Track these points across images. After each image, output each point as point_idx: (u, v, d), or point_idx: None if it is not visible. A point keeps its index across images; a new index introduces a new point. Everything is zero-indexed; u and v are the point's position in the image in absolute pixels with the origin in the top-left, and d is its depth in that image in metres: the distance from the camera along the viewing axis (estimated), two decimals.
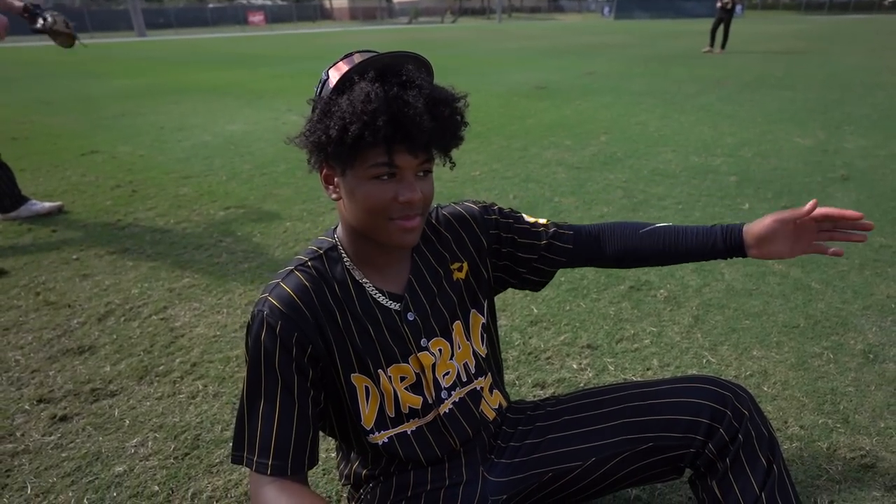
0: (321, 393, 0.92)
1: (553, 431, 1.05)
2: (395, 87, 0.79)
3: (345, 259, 0.92)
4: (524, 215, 1.06)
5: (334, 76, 0.83)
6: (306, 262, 0.91)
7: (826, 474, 1.30)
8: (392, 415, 0.96)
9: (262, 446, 0.86)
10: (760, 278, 2.22)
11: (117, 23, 38.17)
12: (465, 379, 1.01)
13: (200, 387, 1.66)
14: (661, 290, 2.15)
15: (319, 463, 1.37)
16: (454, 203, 1.05)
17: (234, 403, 1.58)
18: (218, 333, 1.94)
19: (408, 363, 0.94)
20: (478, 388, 1.03)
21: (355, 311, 0.92)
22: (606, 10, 43.85)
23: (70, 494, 1.30)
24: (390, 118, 0.77)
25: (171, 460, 1.39)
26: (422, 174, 0.85)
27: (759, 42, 14.20)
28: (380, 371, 0.93)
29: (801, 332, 1.86)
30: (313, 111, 0.85)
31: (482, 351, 1.03)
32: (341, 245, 0.93)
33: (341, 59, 0.85)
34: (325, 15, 50.55)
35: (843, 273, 2.24)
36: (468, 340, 1.01)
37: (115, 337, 1.94)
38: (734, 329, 1.89)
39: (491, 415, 1.06)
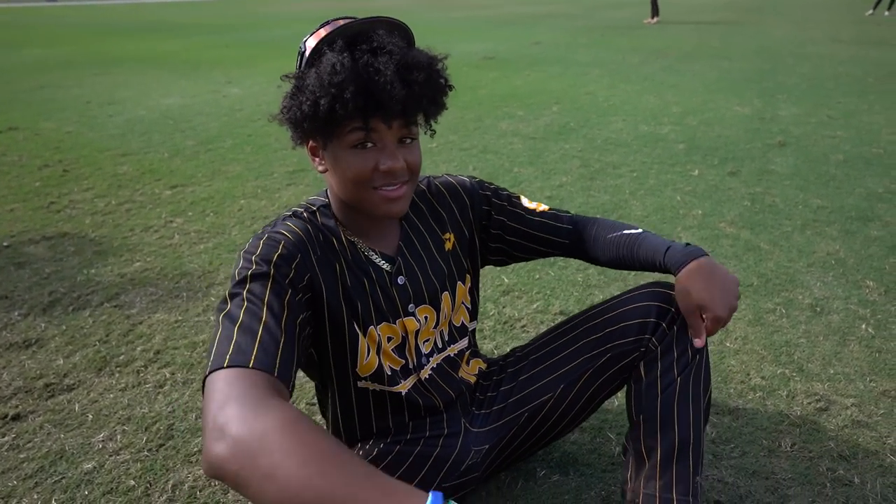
0: (309, 324, 0.83)
1: (523, 373, 1.09)
2: (364, 54, 0.77)
3: (336, 218, 0.92)
4: (523, 199, 1.07)
5: (308, 48, 0.82)
6: (300, 212, 0.91)
7: (787, 419, 1.40)
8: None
9: (241, 350, 0.66)
10: (714, 241, 2.33)
11: None
12: (440, 346, 1.02)
13: (167, 375, 1.58)
14: None
15: None
16: (448, 175, 1.06)
17: None
18: (180, 318, 1.84)
19: (395, 324, 0.95)
20: (452, 355, 1.05)
21: (350, 264, 0.91)
22: None
23: (35, 497, 1.22)
24: (359, 88, 0.75)
25: (145, 453, 1.32)
26: (407, 141, 0.83)
27: (694, 13, 14.65)
28: (371, 328, 0.93)
29: (755, 290, 1.97)
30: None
31: (459, 321, 1.05)
32: (332, 208, 0.93)
33: (317, 29, 0.83)
34: None
35: (788, 234, 2.39)
36: (452, 311, 1.02)
37: (64, 328, 1.80)
38: None
39: (472, 379, 1.09)
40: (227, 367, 0.64)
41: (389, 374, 0.96)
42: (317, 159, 0.87)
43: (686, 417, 0.93)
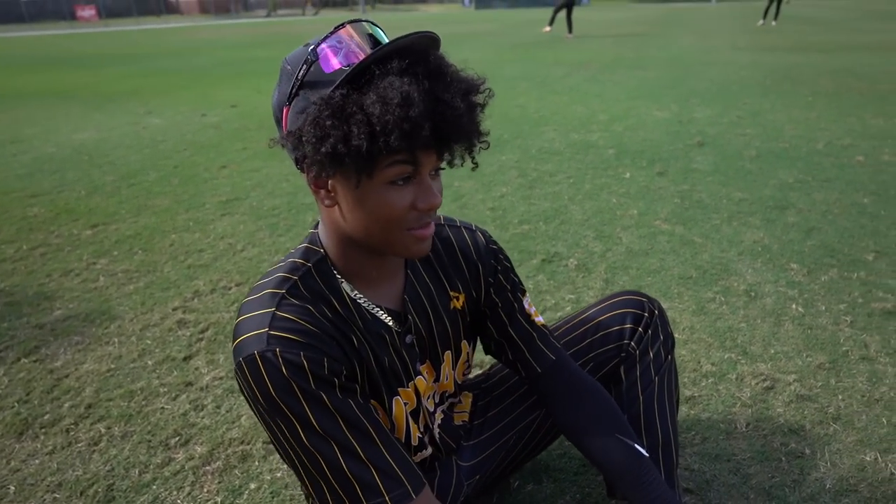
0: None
1: (510, 395, 1.08)
2: (424, 81, 0.64)
3: (335, 273, 0.79)
4: (526, 297, 0.96)
5: (327, 56, 0.67)
6: (294, 280, 0.76)
7: (739, 401, 1.46)
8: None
9: (366, 487, 0.71)
10: (652, 238, 2.43)
11: None
12: (438, 400, 0.98)
13: (103, 430, 1.44)
14: (571, 260, 2.27)
15: (265, 485, 1.25)
16: (463, 225, 0.93)
17: (150, 441, 1.39)
18: (113, 367, 1.69)
19: (408, 388, 0.87)
20: (448, 407, 1.01)
21: (363, 331, 0.80)
22: (466, 0, 45.20)
23: None
24: (435, 124, 0.64)
25: None
26: (434, 172, 0.72)
27: (610, 27, 15.53)
28: (395, 398, 0.85)
29: (694, 282, 2.07)
30: (292, 100, 0.68)
31: (460, 379, 1.00)
32: (329, 256, 0.79)
33: (333, 34, 0.69)
34: (171, 9, 45.88)
35: (717, 226, 2.53)
36: (453, 370, 0.95)
37: None
38: (640, 286, 2.05)
39: (466, 417, 1.06)
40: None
41: (416, 444, 0.90)
42: (322, 191, 0.72)
43: (665, 415, 0.99)
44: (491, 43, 12.18)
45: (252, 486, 1.25)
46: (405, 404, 0.87)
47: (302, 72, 0.68)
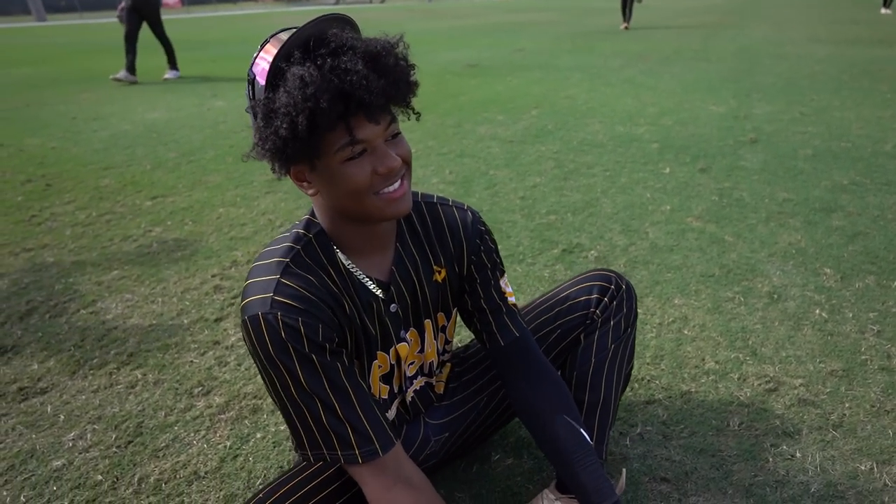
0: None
1: (484, 361, 1.15)
2: (327, 58, 0.72)
3: (332, 244, 0.88)
4: (504, 277, 1.02)
5: (260, 73, 0.77)
6: (298, 250, 0.85)
7: (737, 400, 1.45)
8: None
9: (341, 439, 0.81)
10: (680, 235, 2.39)
11: (9, 6, 34.75)
12: (426, 371, 1.06)
13: (139, 376, 1.62)
14: (592, 251, 2.27)
15: (270, 436, 1.38)
16: (455, 205, 1.00)
17: (177, 389, 1.56)
18: (154, 322, 1.88)
19: (387, 353, 0.96)
20: (433, 380, 1.09)
21: (354, 297, 0.89)
22: None
23: (5, 494, 1.25)
24: (335, 94, 0.71)
25: (114, 449, 1.36)
26: (391, 138, 0.80)
27: (676, 17, 14.85)
28: (374, 362, 0.95)
29: (715, 280, 2.03)
30: (255, 117, 0.78)
31: (441, 348, 1.07)
32: (325, 230, 0.89)
33: (260, 51, 0.79)
34: None
35: (752, 226, 2.45)
36: (435, 340, 1.03)
37: (40, 335, 1.84)
38: (658, 281, 2.04)
39: (442, 386, 1.13)
40: (364, 462, 0.83)
41: (380, 404, 0.99)
42: (304, 183, 0.82)
43: (611, 380, 1.06)
44: (550, 32, 11.95)
45: (258, 435, 1.39)
46: (380, 367, 0.96)
47: (249, 94, 0.79)
